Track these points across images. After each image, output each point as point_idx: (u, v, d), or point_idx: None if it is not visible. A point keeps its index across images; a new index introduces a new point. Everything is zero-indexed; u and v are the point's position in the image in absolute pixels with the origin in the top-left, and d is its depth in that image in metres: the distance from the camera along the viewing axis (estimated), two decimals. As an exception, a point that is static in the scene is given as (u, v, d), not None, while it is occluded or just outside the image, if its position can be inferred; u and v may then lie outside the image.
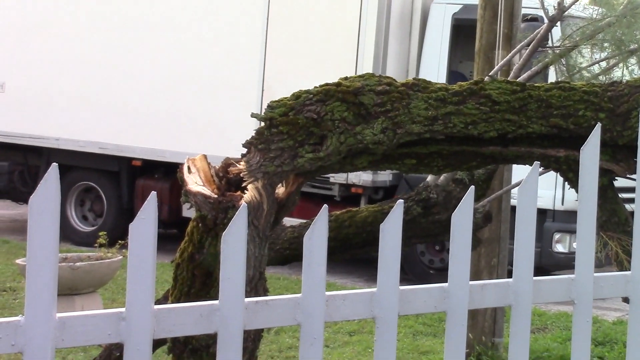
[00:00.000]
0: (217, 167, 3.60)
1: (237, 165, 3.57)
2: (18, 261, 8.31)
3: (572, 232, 10.58)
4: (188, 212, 11.11)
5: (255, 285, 3.40)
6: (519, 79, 4.81)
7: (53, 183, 2.15)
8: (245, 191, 3.44)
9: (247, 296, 2.41)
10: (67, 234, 12.77)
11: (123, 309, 2.24)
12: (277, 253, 4.47)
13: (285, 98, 3.50)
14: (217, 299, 2.35)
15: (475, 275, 7.30)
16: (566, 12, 5.92)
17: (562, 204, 10.95)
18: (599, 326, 9.08)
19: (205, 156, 3.65)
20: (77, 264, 7.60)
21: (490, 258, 7.75)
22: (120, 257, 7.96)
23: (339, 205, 10.38)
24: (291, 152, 3.42)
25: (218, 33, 12.16)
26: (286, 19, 11.84)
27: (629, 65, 6.43)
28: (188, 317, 2.32)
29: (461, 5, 11.58)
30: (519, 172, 5.13)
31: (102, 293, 8.76)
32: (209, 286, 3.60)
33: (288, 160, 3.42)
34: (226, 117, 11.94)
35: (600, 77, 6.14)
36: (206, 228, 3.52)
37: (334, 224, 4.46)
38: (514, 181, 7.31)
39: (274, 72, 11.78)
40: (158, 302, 3.21)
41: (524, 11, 7.98)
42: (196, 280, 3.64)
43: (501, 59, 7.11)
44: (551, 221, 11.06)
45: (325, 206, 2.48)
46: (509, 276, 2.82)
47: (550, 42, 6.86)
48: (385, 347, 2.55)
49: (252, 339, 3.40)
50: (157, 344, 3.17)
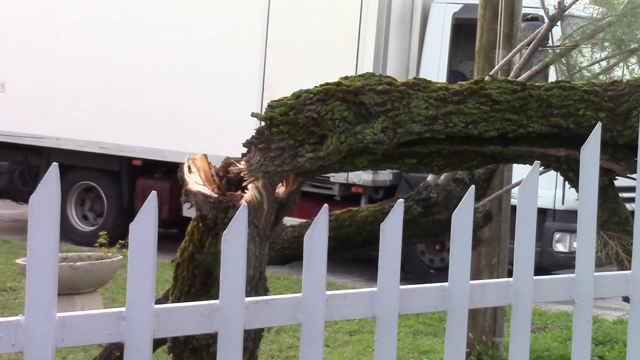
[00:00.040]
0: (218, 167, 3.60)
1: (238, 164, 3.57)
2: (18, 261, 8.31)
3: (573, 232, 10.57)
4: (188, 212, 11.13)
5: (255, 284, 3.39)
6: (520, 79, 4.81)
7: (53, 183, 2.15)
8: (245, 191, 3.44)
9: (248, 296, 2.41)
10: (68, 234, 12.77)
11: (123, 309, 2.24)
12: (278, 252, 4.47)
13: (285, 97, 3.50)
14: (218, 299, 2.35)
15: (475, 274, 7.29)
16: (566, 12, 5.92)
17: (563, 204, 10.95)
18: (599, 325, 9.08)
19: (205, 156, 3.65)
20: (78, 264, 7.60)
21: (490, 257, 7.74)
22: (120, 257, 7.96)
23: (339, 204, 10.37)
24: (291, 152, 3.42)
25: (218, 33, 12.15)
26: (286, 18, 11.83)
27: (630, 64, 6.43)
28: (188, 317, 2.32)
29: (461, 4, 11.58)
30: (519, 172, 5.13)
31: (103, 293, 8.76)
32: (210, 286, 3.60)
33: (288, 159, 3.41)
34: (226, 117, 11.94)
35: (600, 77, 6.14)
36: (206, 227, 3.52)
37: (334, 224, 4.46)
38: (514, 181, 7.31)
39: (274, 72, 11.78)
40: (158, 302, 3.21)
41: (525, 10, 7.97)
42: (196, 279, 3.64)
43: (501, 59, 7.11)
44: (551, 221, 11.06)
45: (325, 206, 2.48)
46: (509, 276, 2.82)
47: (550, 42, 6.86)
48: (385, 347, 2.55)
49: (253, 339, 3.40)
50: (158, 344, 3.17)
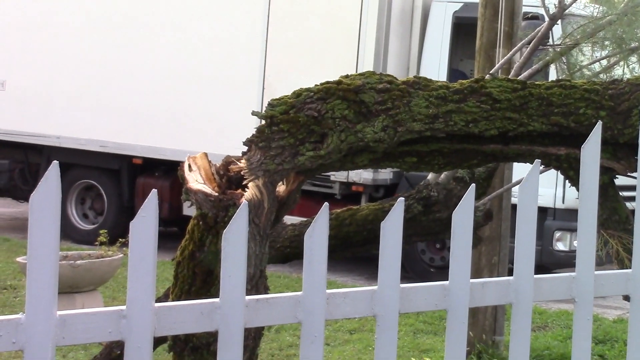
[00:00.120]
0: (218, 165, 3.60)
1: (238, 163, 3.57)
2: (19, 259, 8.32)
3: (573, 230, 10.57)
4: (189, 210, 11.13)
5: (256, 283, 3.39)
6: (520, 77, 4.81)
7: (54, 181, 2.15)
8: (246, 189, 3.44)
9: (248, 294, 2.41)
10: (68, 232, 12.77)
11: (124, 307, 2.24)
12: (278, 251, 4.47)
13: (286, 96, 3.50)
14: (218, 297, 2.35)
15: (476, 273, 7.29)
16: (567, 10, 5.92)
17: (563, 202, 10.95)
18: (600, 324, 9.08)
19: (206, 154, 3.65)
20: (78, 262, 7.61)
21: (491, 256, 7.75)
22: (120, 255, 7.96)
23: (340, 203, 10.36)
24: (292, 150, 3.42)
25: (218, 33, 12.15)
26: (286, 18, 11.83)
27: (630, 63, 6.42)
28: (189, 315, 2.32)
29: (462, 3, 11.58)
30: (520, 171, 5.13)
31: (103, 291, 8.76)
32: (210, 284, 3.60)
33: (289, 158, 3.41)
34: (227, 115, 11.94)
35: (601, 75, 6.14)
36: (207, 226, 3.51)
37: (335, 222, 4.46)
38: (515, 179, 7.31)
39: (275, 70, 11.77)
40: (159, 300, 3.21)
41: (525, 9, 7.97)
42: (197, 278, 3.64)
43: (502, 57, 7.11)
44: (552, 219, 11.06)
45: (326, 204, 2.47)
46: (510, 274, 2.82)
47: (551, 40, 6.86)
48: (386, 345, 2.55)
49: (253, 337, 3.40)
50: (158, 342, 3.17)
